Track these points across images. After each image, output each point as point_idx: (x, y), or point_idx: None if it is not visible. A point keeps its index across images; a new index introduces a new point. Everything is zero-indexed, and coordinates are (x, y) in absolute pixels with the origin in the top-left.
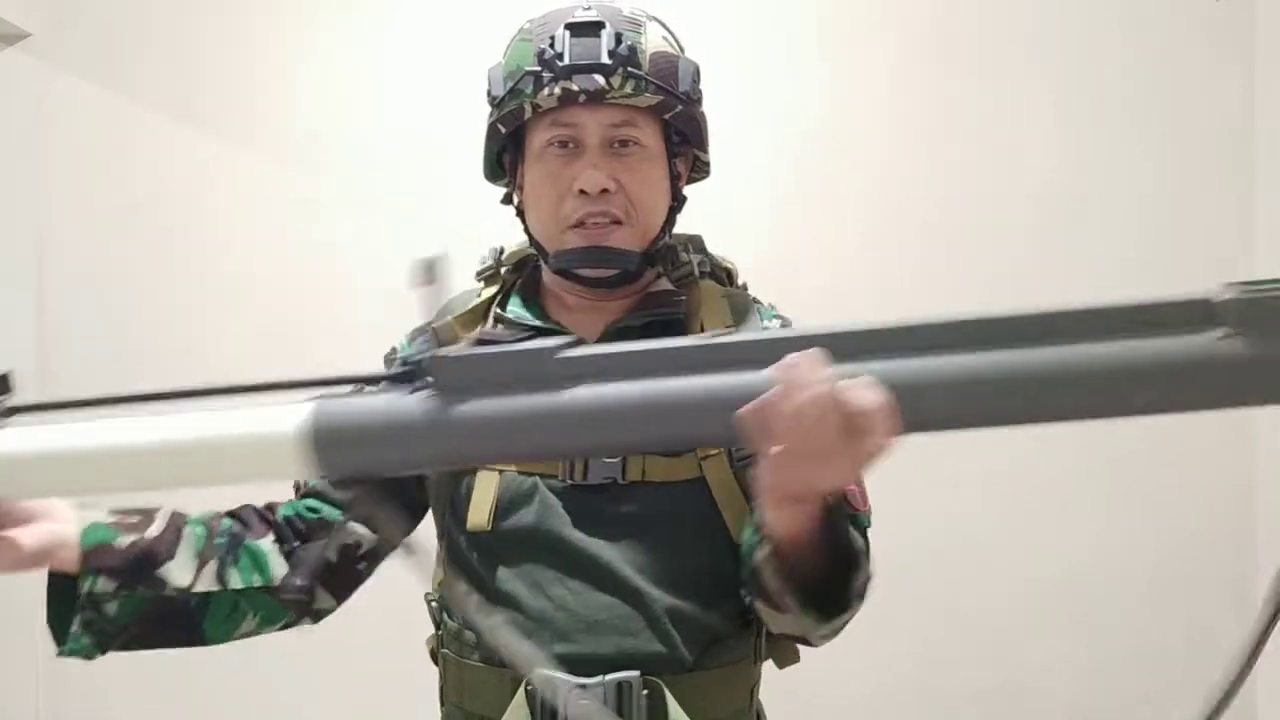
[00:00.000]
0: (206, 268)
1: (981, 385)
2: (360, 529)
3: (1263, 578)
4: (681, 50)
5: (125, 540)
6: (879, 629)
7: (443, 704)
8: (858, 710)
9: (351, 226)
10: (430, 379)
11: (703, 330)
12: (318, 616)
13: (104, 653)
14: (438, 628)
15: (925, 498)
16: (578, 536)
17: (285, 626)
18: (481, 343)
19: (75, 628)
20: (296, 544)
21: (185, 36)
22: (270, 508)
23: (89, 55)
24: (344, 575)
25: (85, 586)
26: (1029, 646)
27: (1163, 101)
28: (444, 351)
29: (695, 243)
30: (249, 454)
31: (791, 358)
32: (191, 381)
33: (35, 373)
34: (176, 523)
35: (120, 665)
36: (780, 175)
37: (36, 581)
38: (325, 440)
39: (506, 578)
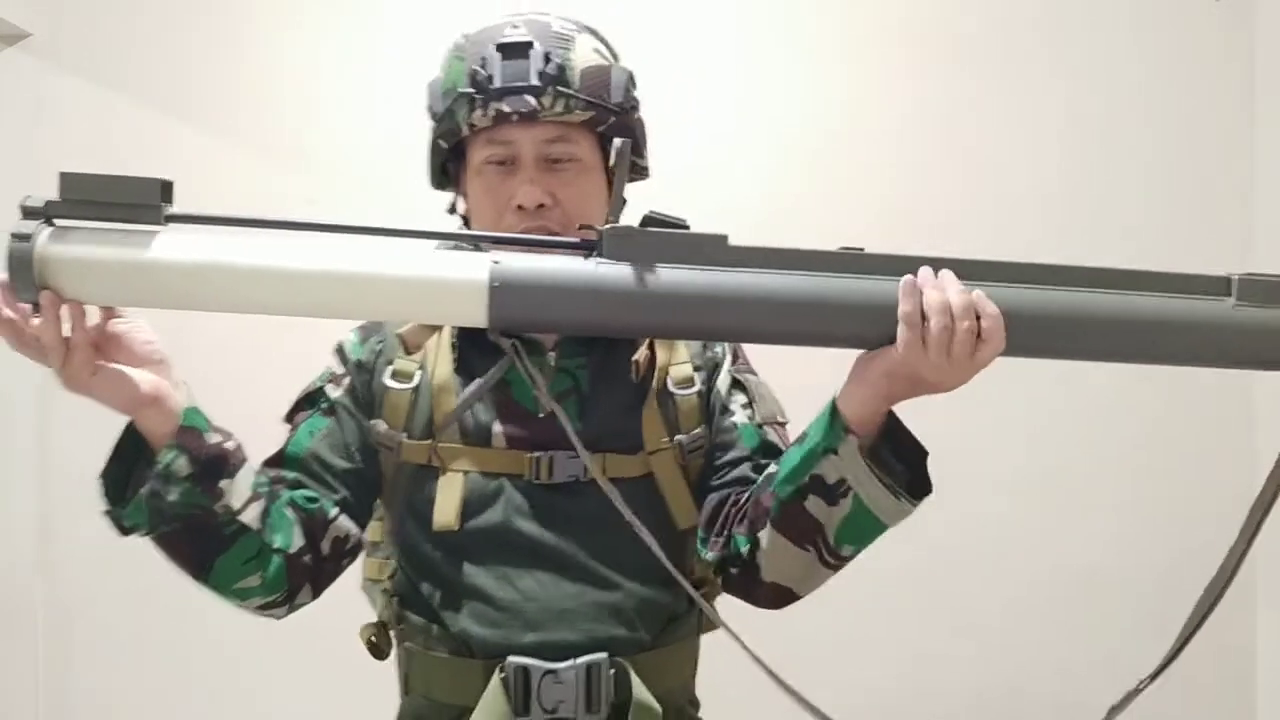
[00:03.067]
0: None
1: (1057, 318)
2: (349, 524)
3: (1263, 578)
4: (614, 59)
5: (214, 437)
6: (878, 629)
7: (406, 694)
8: (857, 709)
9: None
10: (602, 249)
11: (647, 345)
12: (294, 607)
13: (145, 533)
14: (393, 620)
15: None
16: (544, 533)
17: (266, 605)
18: (647, 223)
19: (140, 495)
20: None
21: (185, 37)
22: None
23: (89, 55)
24: (330, 568)
25: (166, 459)
26: (1028, 646)
27: (1163, 101)
28: (616, 226)
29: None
30: (430, 294)
31: (928, 270)
32: (189, 382)
33: (35, 372)
34: (245, 453)
35: (120, 665)
36: (787, 176)
37: (36, 582)
38: (502, 290)
39: (474, 573)
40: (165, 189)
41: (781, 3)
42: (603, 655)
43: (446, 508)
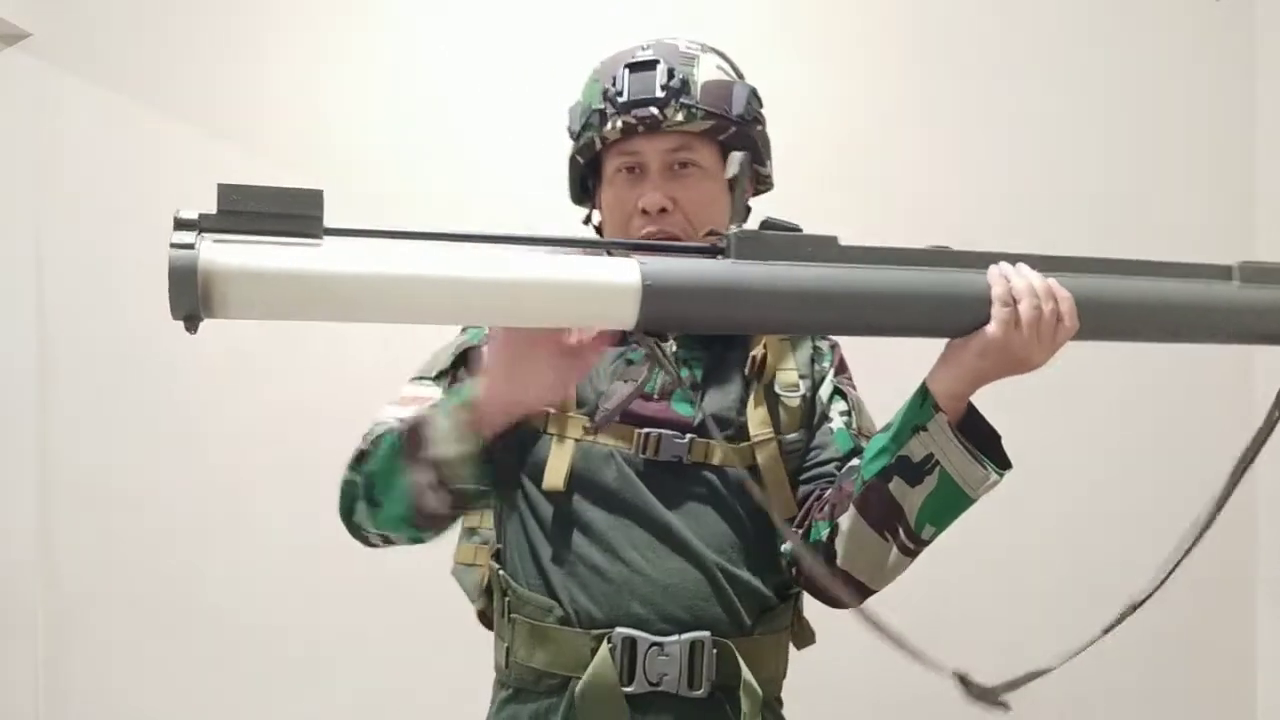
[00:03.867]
0: None
1: (1112, 303)
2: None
3: (1263, 578)
4: (739, 76)
5: None
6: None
7: (506, 665)
8: (857, 709)
9: (352, 227)
10: (727, 251)
11: (762, 345)
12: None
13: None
14: (499, 594)
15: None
16: (654, 505)
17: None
18: (765, 227)
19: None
20: None
21: (185, 37)
22: None
23: (89, 55)
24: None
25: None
26: (1026, 646)
27: (1163, 101)
28: (743, 230)
29: None
30: (585, 298)
31: (1005, 264)
32: (189, 384)
33: (35, 372)
34: None
35: (120, 665)
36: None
37: (36, 582)
38: (653, 291)
39: (582, 542)
40: (320, 200)
41: (783, 3)
42: (706, 633)
43: (557, 469)
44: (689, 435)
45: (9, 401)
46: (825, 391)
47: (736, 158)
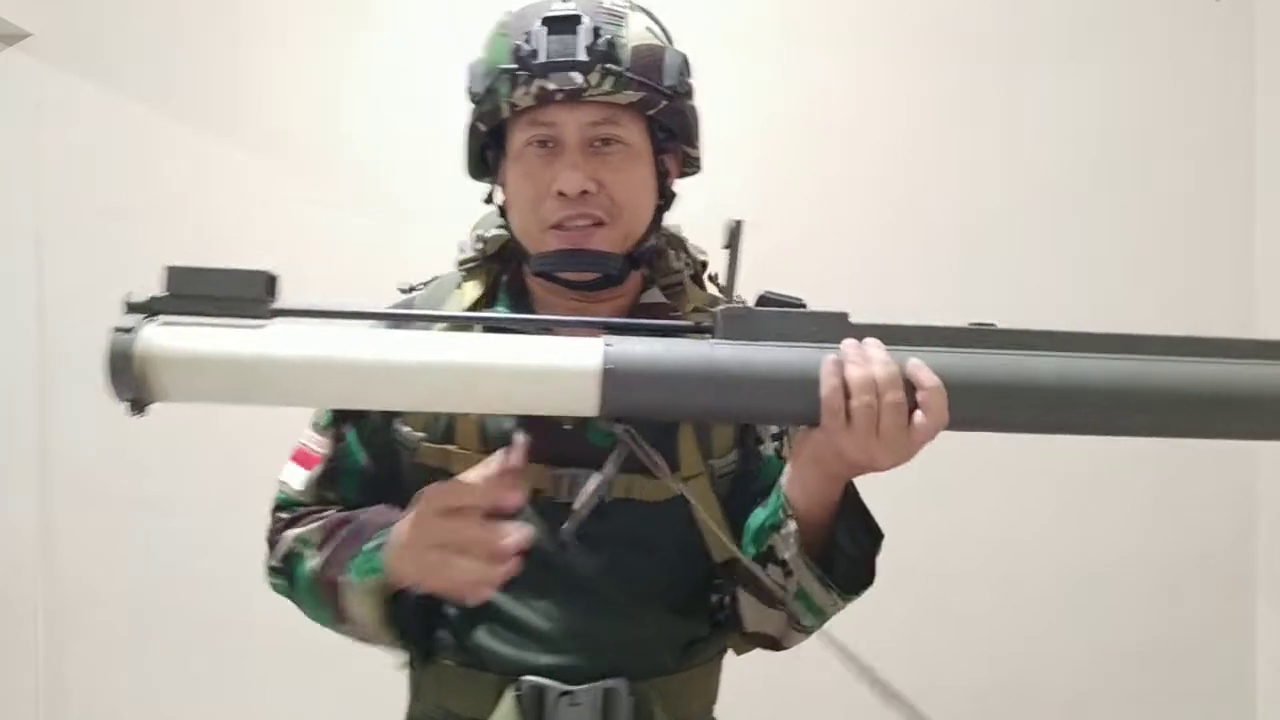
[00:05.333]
0: None
1: (1003, 387)
2: None
3: (1263, 578)
4: (669, 41)
5: None
6: (878, 627)
7: (416, 700)
8: (857, 709)
9: (351, 227)
10: (714, 331)
11: None
12: None
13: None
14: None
15: (924, 498)
16: (564, 552)
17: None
18: (763, 302)
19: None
20: None
21: (186, 37)
22: None
23: (89, 55)
24: None
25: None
26: (1028, 645)
27: (1163, 101)
28: (731, 307)
29: (675, 242)
30: (542, 382)
31: (850, 340)
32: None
33: (35, 372)
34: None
35: (120, 665)
36: (775, 169)
37: (36, 582)
38: (615, 377)
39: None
40: (270, 283)
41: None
42: (622, 680)
43: None
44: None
45: (9, 401)
46: None
47: (730, 224)
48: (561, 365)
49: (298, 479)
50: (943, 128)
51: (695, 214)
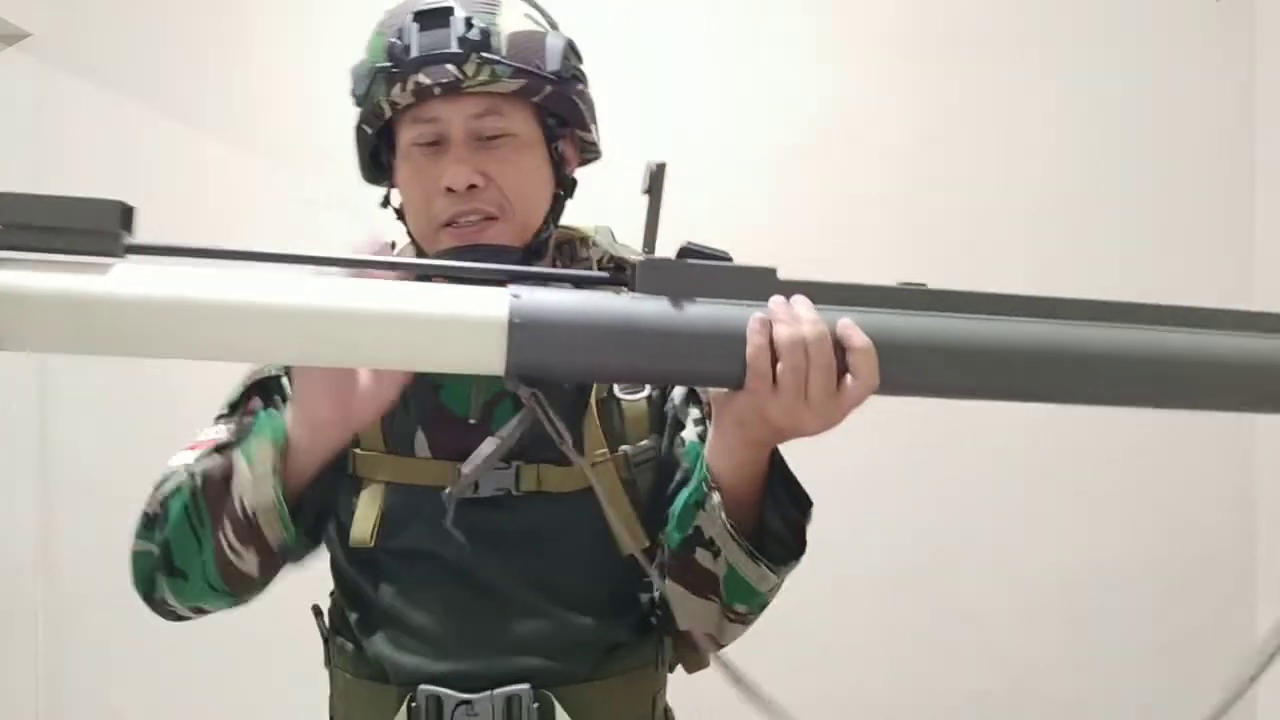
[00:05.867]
0: None
1: (936, 348)
2: None
3: (1263, 578)
4: (551, 26)
5: None
6: (878, 628)
7: (331, 717)
8: (857, 710)
9: (351, 227)
10: (630, 283)
11: None
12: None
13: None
14: (325, 640)
15: (923, 498)
16: (467, 552)
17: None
18: (685, 254)
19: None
20: None
21: (186, 36)
22: None
23: (89, 55)
24: None
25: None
26: (1028, 646)
27: (1163, 101)
28: (651, 258)
29: (604, 234)
30: (438, 336)
31: (778, 297)
32: (189, 383)
33: (35, 372)
34: None
35: (120, 665)
36: (783, 174)
37: (36, 582)
38: (523, 332)
39: (390, 593)
40: (125, 214)
41: (779, 2)
42: (524, 686)
43: (363, 522)
44: (515, 463)
45: (9, 401)
46: (678, 393)
47: (650, 166)
48: (461, 315)
49: (185, 463)
50: (939, 130)
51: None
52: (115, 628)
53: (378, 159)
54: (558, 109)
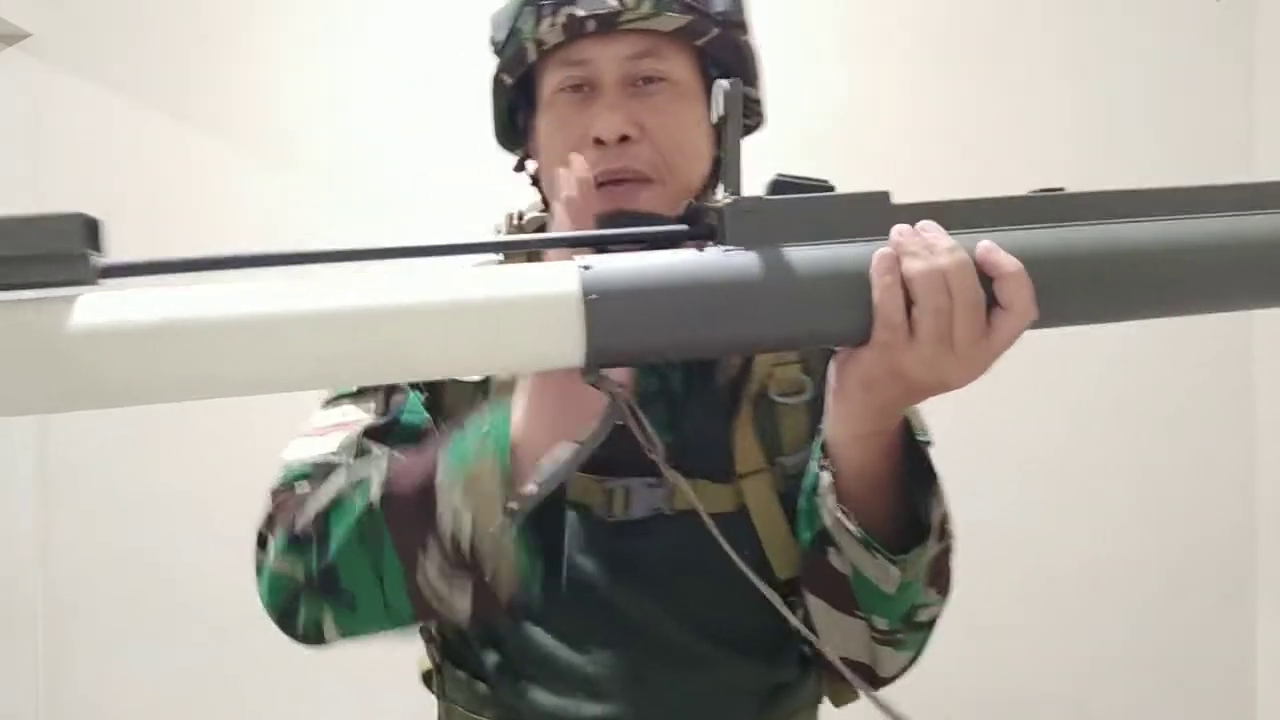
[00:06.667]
0: None
1: (1118, 259)
2: None
3: (1263, 578)
4: None
5: None
6: None
7: None
8: (858, 710)
9: (355, 229)
10: (718, 234)
11: None
12: None
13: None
14: (435, 672)
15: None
16: (615, 583)
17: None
18: (777, 189)
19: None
20: None
21: (186, 37)
22: None
23: (89, 55)
24: None
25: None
26: (1027, 647)
27: (1163, 101)
28: (739, 199)
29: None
30: (497, 329)
31: (902, 226)
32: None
33: None
34: None
35: (120, 665)
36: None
37: (36, 582)
38: (602, 310)
39: (528, 625)
40: (90, 229)
41: (787, 1)
42: None
43: None
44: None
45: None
46: None
47: (723, 86)
48: (526, 297)
49: (317, 448)
50: (941, 130)
51: None
52: (115, 628)
53: (514, 121)
54: (723, 57)
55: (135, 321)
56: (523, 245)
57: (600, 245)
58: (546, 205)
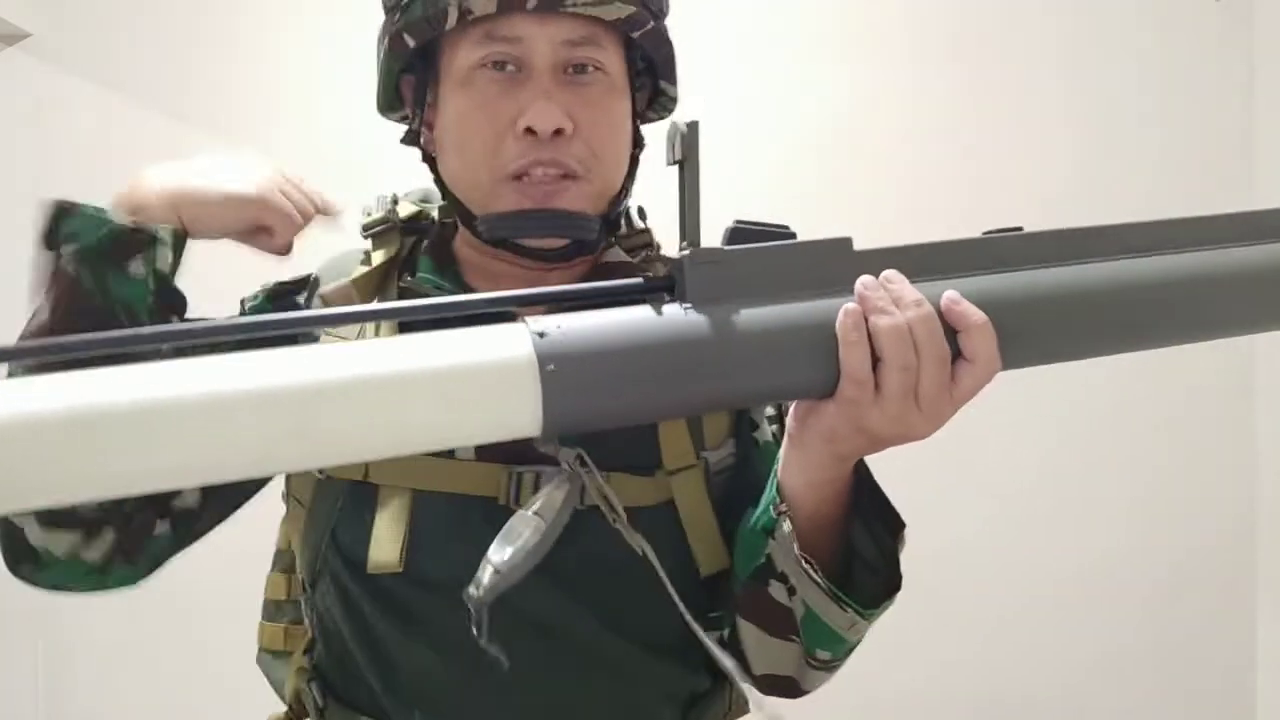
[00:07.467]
0: (206, 267)
1: (1088, 302)
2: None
3: (1263, 578)
4: None
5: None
6: (875, 630)
7: None
8: (856, 711)
9: (350, 228)
10: (677, 289)
11: None
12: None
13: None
14: (312, 706)
15: (925, 506)
16: (528, 583)
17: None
18: (736, 238)
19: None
20: None
21: (185, 37)
22: None
23: (89, 55)
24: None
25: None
26: (1026, 648)
27: (1163, 101)
28: (697, 252)
29: (641, 211)
30: (442, 403)
31: (867, 278)
32: None
33: None
34: None
35: (120, 667)
36: (796, 175)
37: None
38: (558, 379)
39: (426, 640)
40: None
41: (786, 2)
42: None
43: (386, 541)
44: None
45: None
46: None
47: (680, 129)
48: (466, 367)
49: None
50: (942, 130)
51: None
52: (115, 628)
53: (398, 86)
54: (652, 50)
55: (12, 416)
56: (470, 307)
57: (549, 304)
58: (441, 186)
